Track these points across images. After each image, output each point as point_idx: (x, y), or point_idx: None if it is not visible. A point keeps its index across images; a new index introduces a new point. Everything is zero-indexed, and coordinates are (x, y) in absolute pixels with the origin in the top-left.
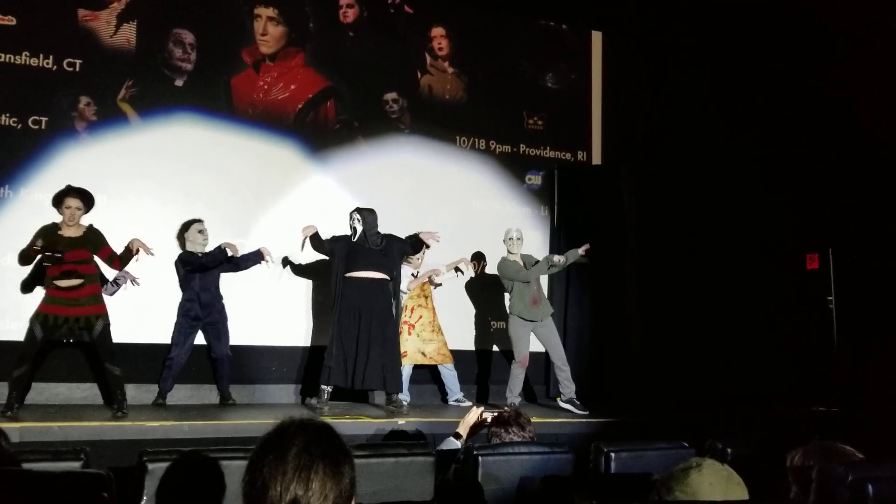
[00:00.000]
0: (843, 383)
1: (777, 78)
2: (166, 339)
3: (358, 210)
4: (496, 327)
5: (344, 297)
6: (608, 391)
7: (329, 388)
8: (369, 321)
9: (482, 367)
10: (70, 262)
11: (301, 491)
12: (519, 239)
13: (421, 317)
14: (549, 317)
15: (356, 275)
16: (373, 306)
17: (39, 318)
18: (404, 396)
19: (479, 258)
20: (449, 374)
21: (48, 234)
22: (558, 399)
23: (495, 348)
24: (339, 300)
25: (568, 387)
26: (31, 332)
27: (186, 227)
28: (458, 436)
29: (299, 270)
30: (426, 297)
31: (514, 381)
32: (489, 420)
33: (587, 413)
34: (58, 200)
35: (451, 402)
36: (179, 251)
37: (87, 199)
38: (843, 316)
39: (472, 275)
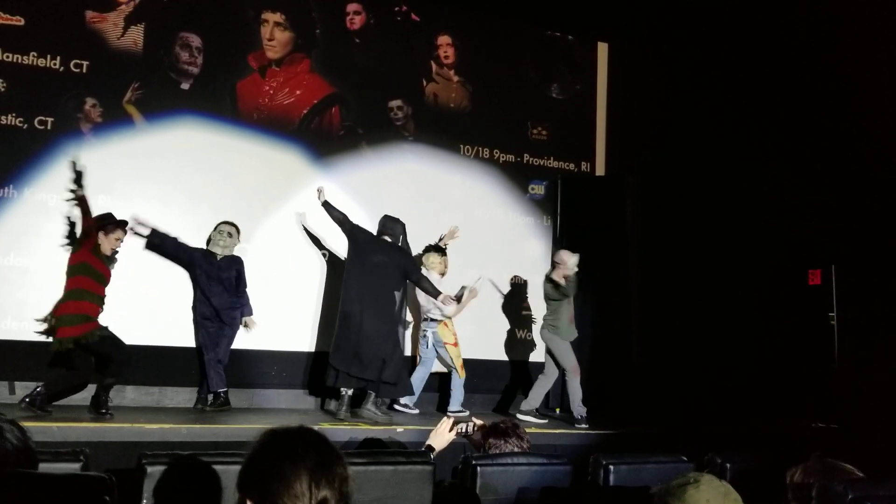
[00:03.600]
0: (843, 400)
1: (782, 92)
2: (166, 340)
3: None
4: (521, 336)
5: (350, 287)
6: (609, 403)
7: (349, 393)
8: (371, 315)
9: (509, 377)
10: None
11: (328, 491)
12: None
13: None
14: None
15: (366, 265)
16: (376, 300)
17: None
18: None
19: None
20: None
21: None
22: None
23: (527, 358)
24: (345, 289)
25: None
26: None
27: None
28: (430, 448)
29: (300, 273)
30: None
31: (577, 392)
32: (462, 431)
33: (545, 422)
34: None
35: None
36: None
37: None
38: (845, 332)
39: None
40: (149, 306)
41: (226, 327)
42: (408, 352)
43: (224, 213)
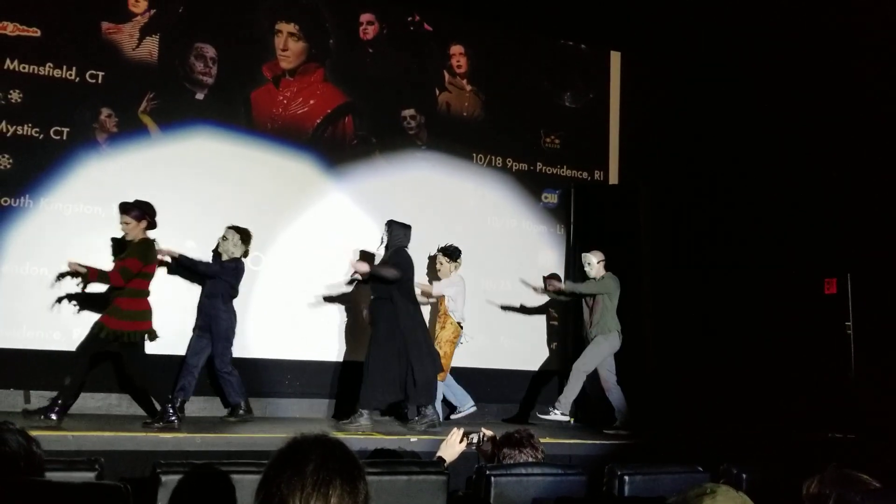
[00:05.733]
0: (860, 410)
1: (795, 99)
2: (181, 350)
3: (388, 223)
4: (535, 345)
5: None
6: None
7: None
8: (370, 343)
9: (522, 386)
10: None
11: None
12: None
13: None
14: None
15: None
16: (373, 327)
17: None
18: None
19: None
20: (445, 390)
21: None
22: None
23: (540, 367)
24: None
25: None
26: None
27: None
28: (441, 459)
29: (314, 282)
30: (440, 313)
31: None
32: (474, 442)
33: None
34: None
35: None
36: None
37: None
38: (862, 341)
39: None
40: (165, 316)
41: (206, 328)
42: None
43: (238, 222)
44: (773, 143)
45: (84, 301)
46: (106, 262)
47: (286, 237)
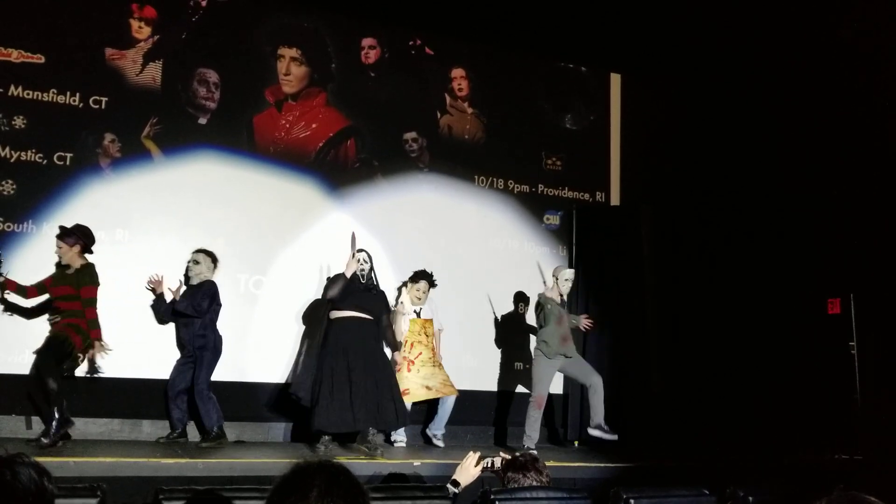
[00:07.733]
0: (866, 430)
1: (797, 119)
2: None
3: (366, 251)
4: (519, 368)
5: (330, 337)
6: (627, 434)
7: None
8: (358, 360)
9: (501, 408)
10: (54, 297)
11: None
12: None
13: (420, 353)
14: (575, 353)
15: (343, 314)
16: (361, 345)
17: None
18: (400, 437)
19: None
20: (447, 408)
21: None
22: (589, 429)
23: (518, 389)
24: (325, 340)
25: (599, 412)
26: None
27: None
28: (455, 483)
29: (315, 305)
30: (427, 336)
31: (533, 423)
32: (489, 466)
33: (616, 438)
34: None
35: (429, 434)
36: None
37: (67, 236)
38: (866, 361)
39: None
40: (165, 340)
41: (194, 354)
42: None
43: (240, 246)
44: (774, 164)
45: None
46: (108, 286)
47: (288, 260)
